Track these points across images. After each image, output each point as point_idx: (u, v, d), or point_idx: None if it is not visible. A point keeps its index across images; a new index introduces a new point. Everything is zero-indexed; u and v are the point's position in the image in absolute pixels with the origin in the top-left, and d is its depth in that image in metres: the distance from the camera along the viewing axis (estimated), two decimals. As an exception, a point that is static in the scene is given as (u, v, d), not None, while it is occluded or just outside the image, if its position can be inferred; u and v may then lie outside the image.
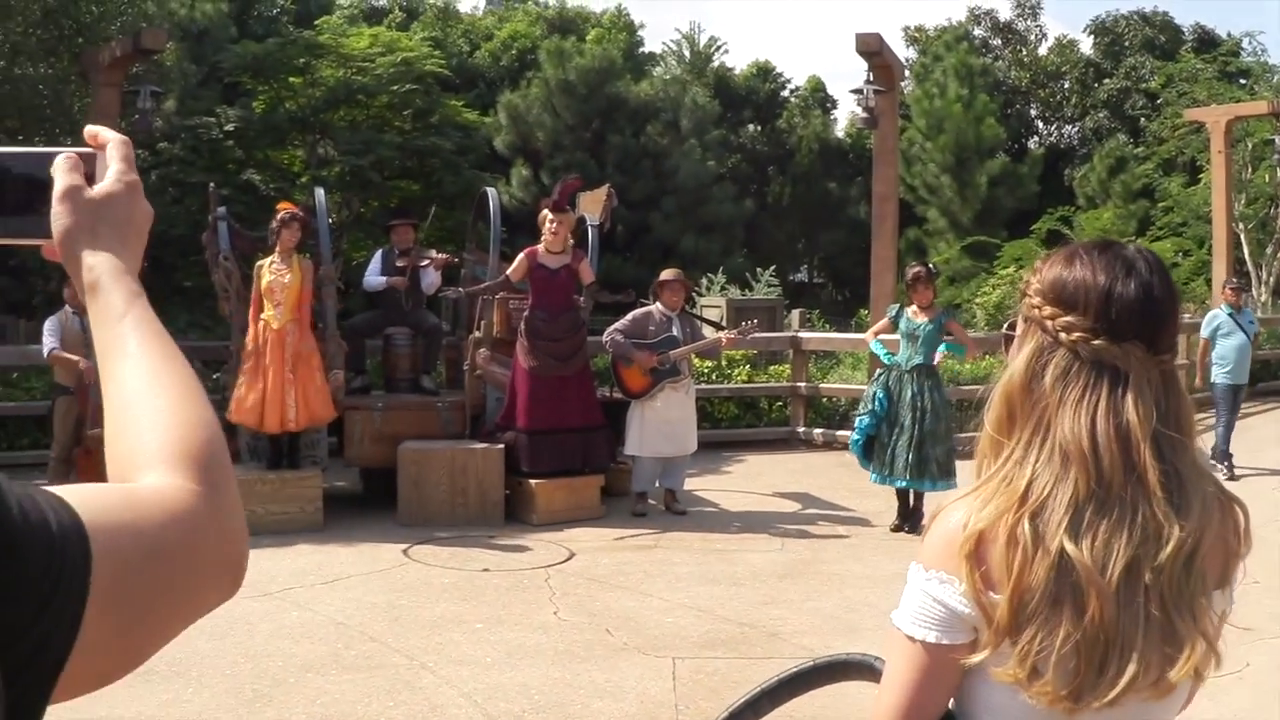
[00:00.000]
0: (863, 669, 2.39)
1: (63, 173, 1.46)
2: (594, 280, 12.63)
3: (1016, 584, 1.95)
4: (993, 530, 1.98)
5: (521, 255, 12.32)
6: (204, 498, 1.29)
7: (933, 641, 2.05)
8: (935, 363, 11.87)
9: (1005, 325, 11.37)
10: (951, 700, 2.13)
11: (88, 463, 11.62)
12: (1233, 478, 14.35)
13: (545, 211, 12.32)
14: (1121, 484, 1.98)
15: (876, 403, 11.75)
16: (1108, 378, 2.03)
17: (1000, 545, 1.97)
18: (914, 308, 11.83)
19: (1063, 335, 2.06)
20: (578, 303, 12.53)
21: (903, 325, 11.84)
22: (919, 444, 11.51)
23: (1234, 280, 17.58)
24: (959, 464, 11.55)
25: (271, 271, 11.58)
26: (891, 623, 2.13)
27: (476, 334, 12.95)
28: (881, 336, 12.43)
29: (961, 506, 2.07)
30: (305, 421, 11.54)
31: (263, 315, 11.50)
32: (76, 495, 1.20)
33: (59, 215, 1.45)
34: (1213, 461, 14.43)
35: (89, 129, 1.53)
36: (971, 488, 2.11)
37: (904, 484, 11.68)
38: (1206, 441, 15.42)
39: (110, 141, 1.51)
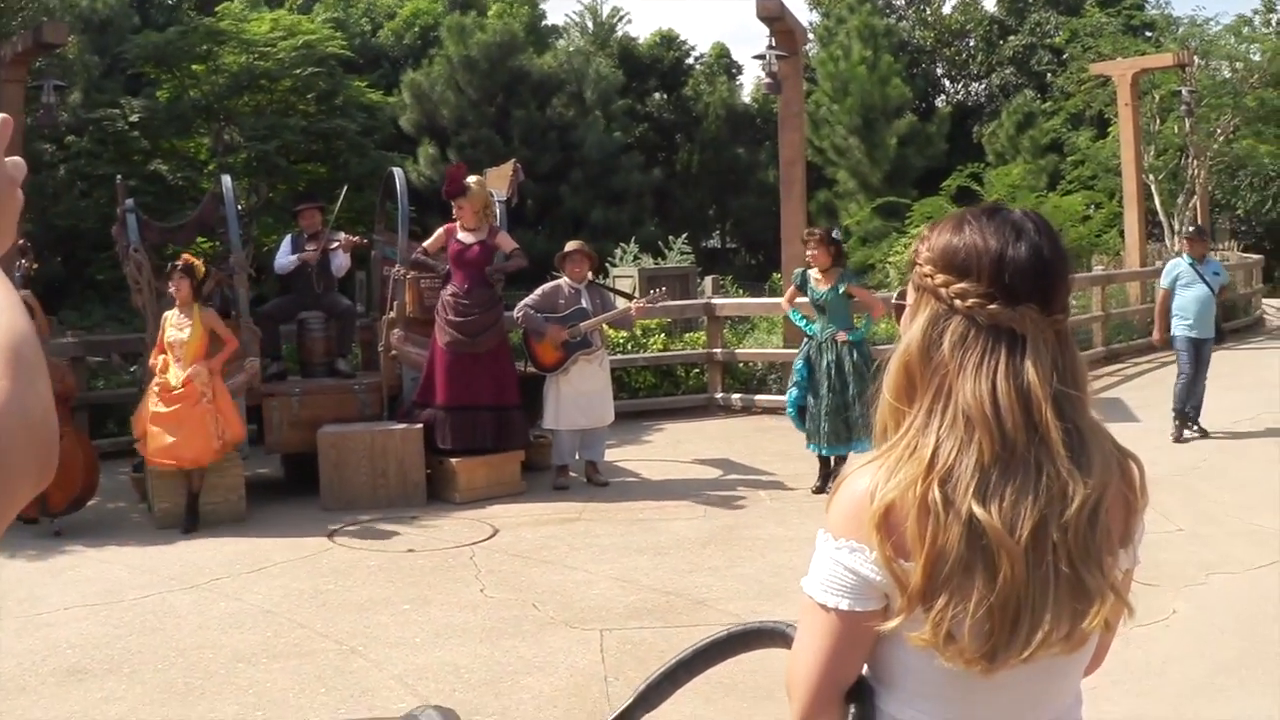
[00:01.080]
0: (775, 636, 2.40)
1: None
2: (516, 246, 12.60)
3: (929, 551, 1.98)
4: (903, 499, 2.01)
5: (440, 230, 12.44)
6: (5, 391, 1.33)
7: (845, 609, 2.07)
8: (850, 332, 11.85)
9: (896, 295, 11.36)
10: (865, 666, 2.18)
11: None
12: (1205, 435, 14.00)
13: None
14: (1025, 445, 2.02)
15: (798, 374, 11.86)
16: (1005, 341, 2.06)
17: (912, 514, 2.00)
18: (815, 273, 11.89)
19: (957, 302, 2.08)
20: (492, 280, 12.49)
21: (809, 295, 11.89)
22: (836, 411, 11.57)
23: (1192, 228, 17.08)
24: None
25: (174, 325, 11.41)
26: (802, 590, 2.16)
27: (390, 315, 12.92)
28: (797, 302, 12.45)
29: (866, 474, 2.09)
30: (202, 456, 11.13)
31: (164, 375, 11.27)
32: None
33: None
34: (1176, 423, 13.96)
35: None
36: (874, 455, 2.13)
37: (826, 451, 11.77)
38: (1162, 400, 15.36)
39: None
